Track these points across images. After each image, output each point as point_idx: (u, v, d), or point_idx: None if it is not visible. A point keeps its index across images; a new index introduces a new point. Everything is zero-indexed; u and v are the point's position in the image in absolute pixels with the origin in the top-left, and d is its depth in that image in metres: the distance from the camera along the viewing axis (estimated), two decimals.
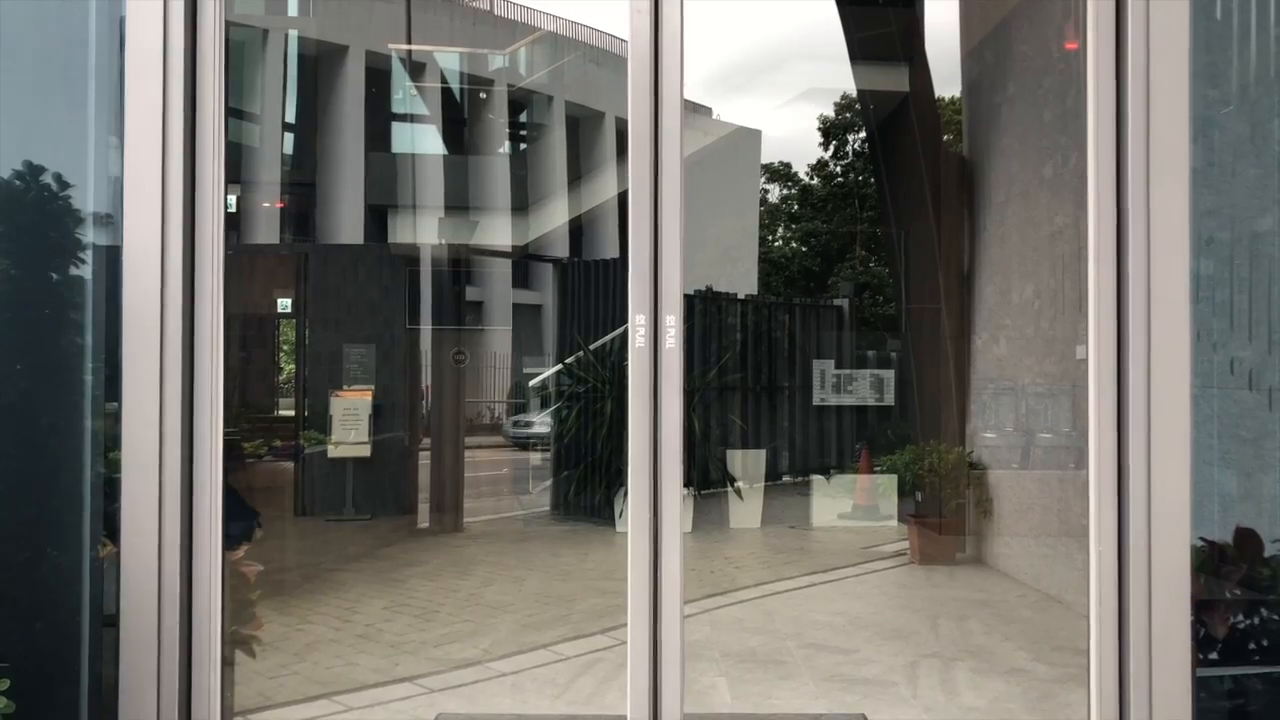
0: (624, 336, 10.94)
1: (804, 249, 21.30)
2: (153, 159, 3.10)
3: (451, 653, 5.54)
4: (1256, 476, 3.49)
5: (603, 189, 12.36)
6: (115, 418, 3.12)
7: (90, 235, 3.14)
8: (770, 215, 21.46)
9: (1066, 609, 6.43)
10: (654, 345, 3.27)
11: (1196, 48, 3.21)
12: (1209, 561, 3.33)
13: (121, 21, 3.13)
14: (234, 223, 3.37)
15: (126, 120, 3.10)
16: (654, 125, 3.32)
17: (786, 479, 12.28)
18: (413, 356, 11.70)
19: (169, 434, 3.11)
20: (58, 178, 3.10)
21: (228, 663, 3.36)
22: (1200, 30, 3.29)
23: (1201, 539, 3.29)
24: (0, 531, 3.01)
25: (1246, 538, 3.38)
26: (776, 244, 21.57)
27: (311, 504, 11.31)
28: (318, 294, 11.52)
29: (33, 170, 3.07)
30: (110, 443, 3.15)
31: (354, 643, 5.76)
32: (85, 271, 3.15)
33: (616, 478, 9.97)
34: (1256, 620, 3.35)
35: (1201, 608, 3.21)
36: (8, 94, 3.19)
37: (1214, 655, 3.26)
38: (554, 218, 10.76)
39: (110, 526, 3.12)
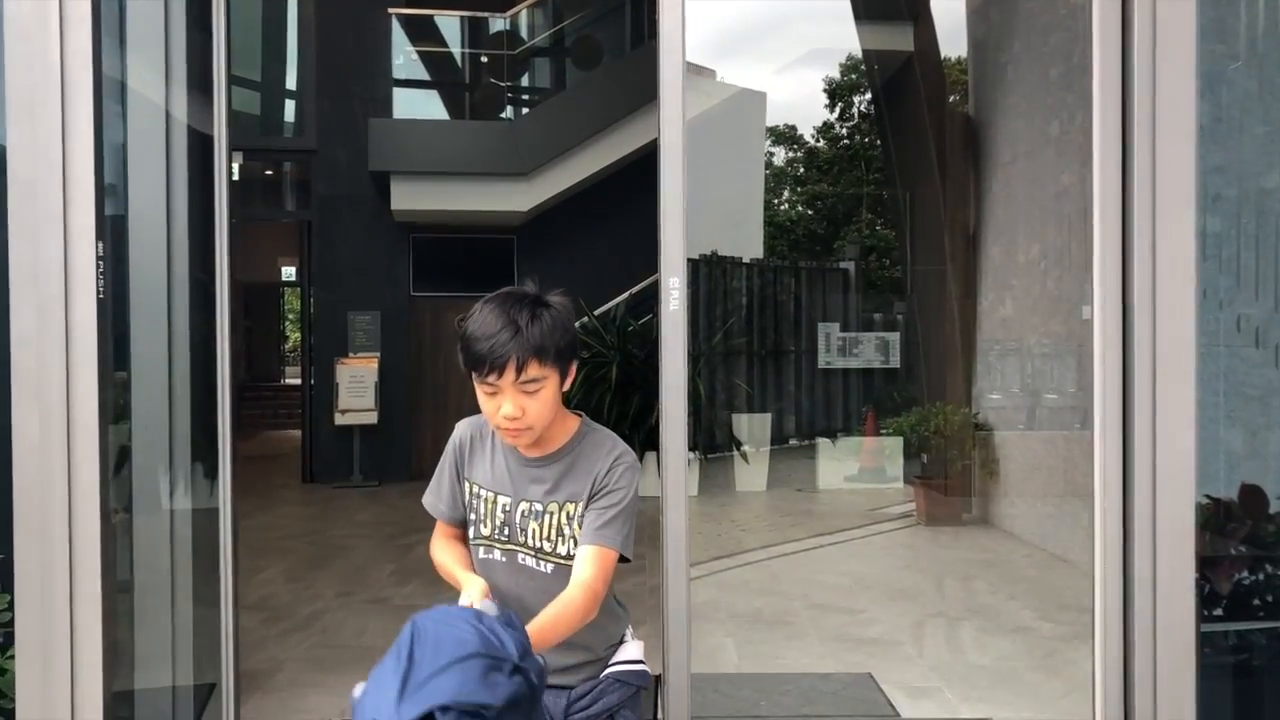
0: (628, 301, 10.91)
1: (809, 212, 21.22)
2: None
3: None
4: (1262, 434, 3.49)
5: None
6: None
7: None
8: (775, 178, 21.36)
9: (1072, 568, 6.47)
10: (659, 308, 3.27)
11: (1204, 2, 3.18)
12: (1214, 519, 3.34)
13: None
14: (236, 190, 3.34)
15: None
16: (655, 88, 3.30)
17: (793, 442, 12.31)
18: (417, 324, 11.72)
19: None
20: None
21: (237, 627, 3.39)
22: None
23: (1207, 496, 3.29)
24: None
25: (1251, 495, 3.39)
26: (782, 207, 21.49)
27: (320, 471, 11.38)
28: (322, 261, 11.52)
29: None
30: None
31: (362, 608, 5.82)
32: None
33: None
34: (1261, 576, 3.36)
35: (1206, 564, 3.22)
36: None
37: (1218, 611, 3.28)
38: (558, 182, 10.70)
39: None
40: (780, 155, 22.04)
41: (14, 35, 2.85)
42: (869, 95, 17.87)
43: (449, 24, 11.85)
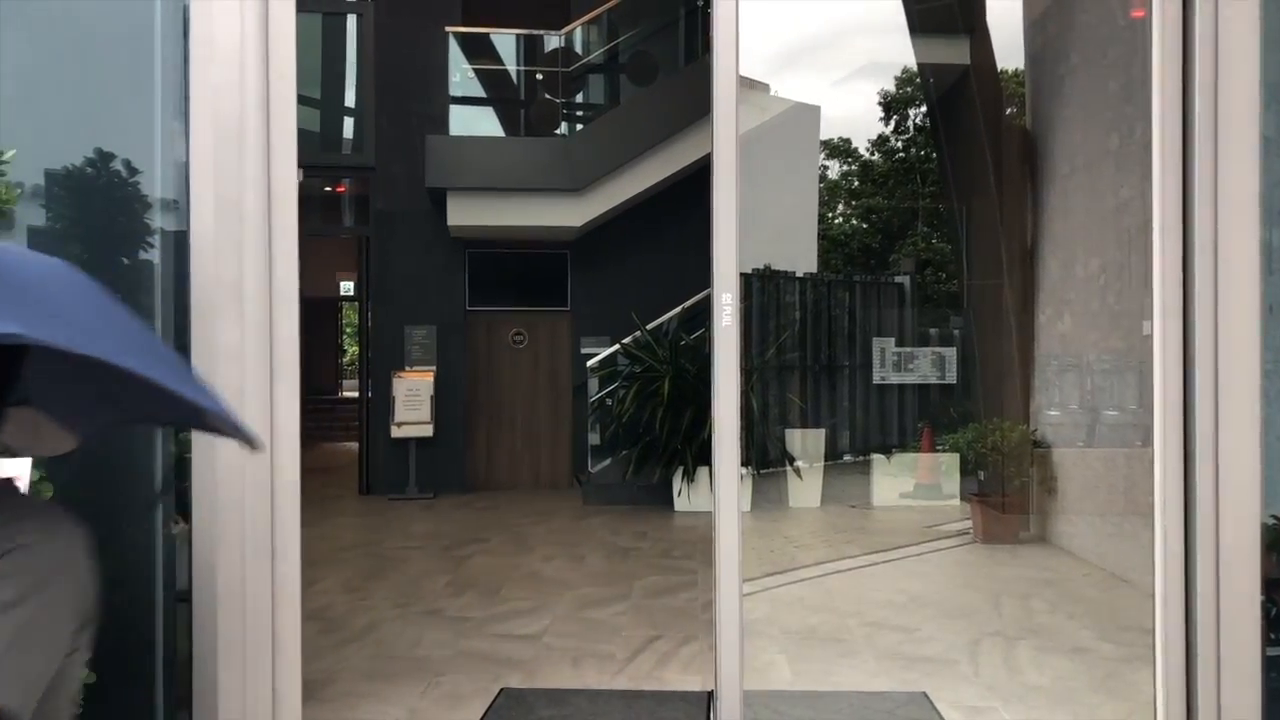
0: (681, 315, 10.92)
1: (864, 225, 21.11)
2: (225, 144, 3.15)
3: (514, 628, 5.62)
4: None
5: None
6: None
7: (158, 220, 3.21)
8: (830, 192, 21.28)
9: (1133, 588, 6.34)
10: (711, 323, 3.28)
11: (1267, 12, 3.12)
12: None
13: (185, 9, 3.18)
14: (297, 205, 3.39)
15: (193, 106, 3.15)
16: (709, 103, 3.31)
17: (847, 458, 12.21)
18: (473, 338, 11.83)
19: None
20: (127, 164, 3.16)
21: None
22: None
23: (1273, 516, 3.22)
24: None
25: None
26: (836, 221, 21.39)
27: (376, 483, 11.53)
28: (380, 276, 11.69)
29: (103, 157, 3.14)
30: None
31: (417, 619, 5.87)
32: (154, 256, 3.22)
33: (675, 457, 9.99)
34: None
35: (1272, 586, 3.14)
36: (78, 82, 3.26)
37: None
38: (612, 198, 10.76)
39: (182, 504, 3.20)
40: (834, 168, 21.97)
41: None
42: (924, 108, 17.76)
43: (505, 41, 11.98)
